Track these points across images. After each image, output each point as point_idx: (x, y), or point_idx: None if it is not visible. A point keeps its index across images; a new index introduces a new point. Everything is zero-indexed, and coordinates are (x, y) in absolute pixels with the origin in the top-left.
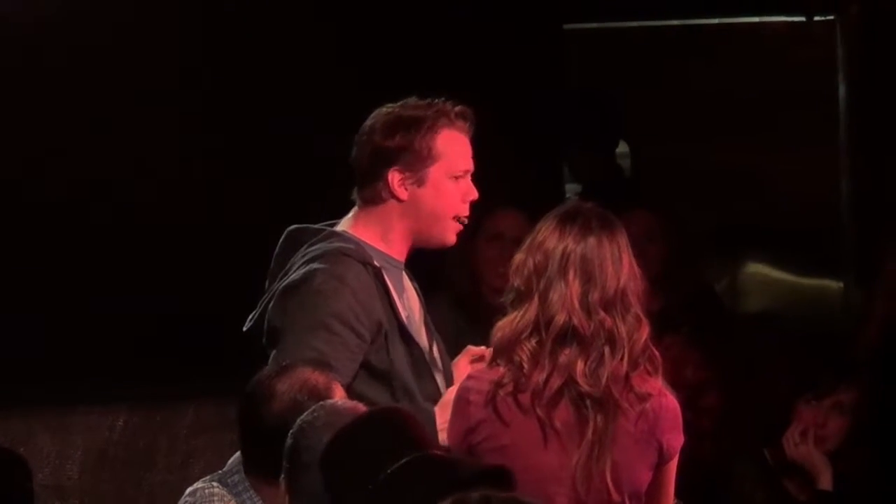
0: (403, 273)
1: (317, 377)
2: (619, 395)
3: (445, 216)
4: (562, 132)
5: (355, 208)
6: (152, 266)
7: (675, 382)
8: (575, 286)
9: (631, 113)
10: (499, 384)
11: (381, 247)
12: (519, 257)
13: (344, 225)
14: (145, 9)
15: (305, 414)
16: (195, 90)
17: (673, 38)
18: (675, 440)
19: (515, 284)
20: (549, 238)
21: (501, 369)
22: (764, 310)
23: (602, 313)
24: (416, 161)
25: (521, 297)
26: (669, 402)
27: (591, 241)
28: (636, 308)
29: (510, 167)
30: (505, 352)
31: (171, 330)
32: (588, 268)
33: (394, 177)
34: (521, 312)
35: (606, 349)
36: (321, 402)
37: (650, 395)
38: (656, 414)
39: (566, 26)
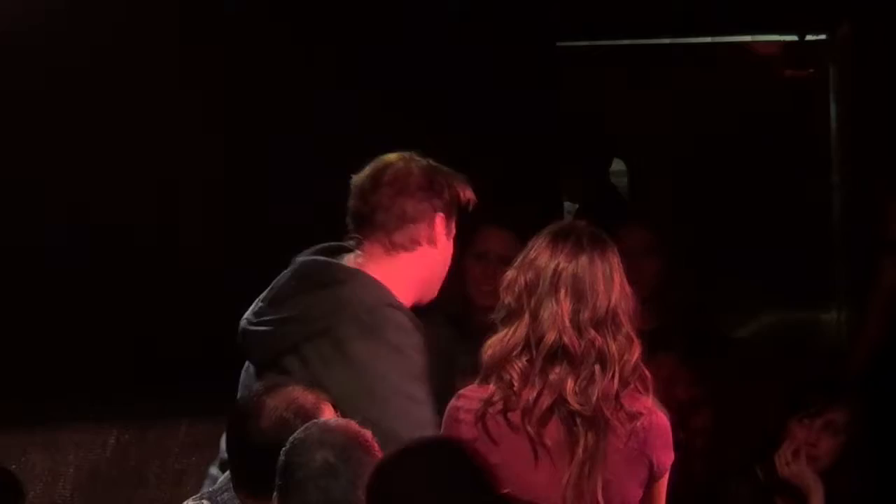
0: None
1: (306, 396)
2: (609, 413)
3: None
4: (554, 153)
5: (369, 249)
6: (144, 284)
7: (666, 401)
8: (566, 304)
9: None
10: (488, 402)
11: (399, 294)
12: (510, 274)
13: (366, 268)
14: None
15: (298, 431)
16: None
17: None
18: (666, 457)
19: (506, 301)
20: (541, 256)
21: (491, 387)
22: (755, 333)
23: (593, 332)
24: (453, 214)
25: (512, 315)
26: (660, 420)
27: (583, 259)
28: (627, 327)
29: (504, 185)
30: (495, 370)
31: (164, 348)
32: (579, 286)
33: (440, 221)
34: (512, 330)
35: (597, 368)
36: (314, 420)
37: (640, 413)
38: (647, 431)
39: (559, 44)
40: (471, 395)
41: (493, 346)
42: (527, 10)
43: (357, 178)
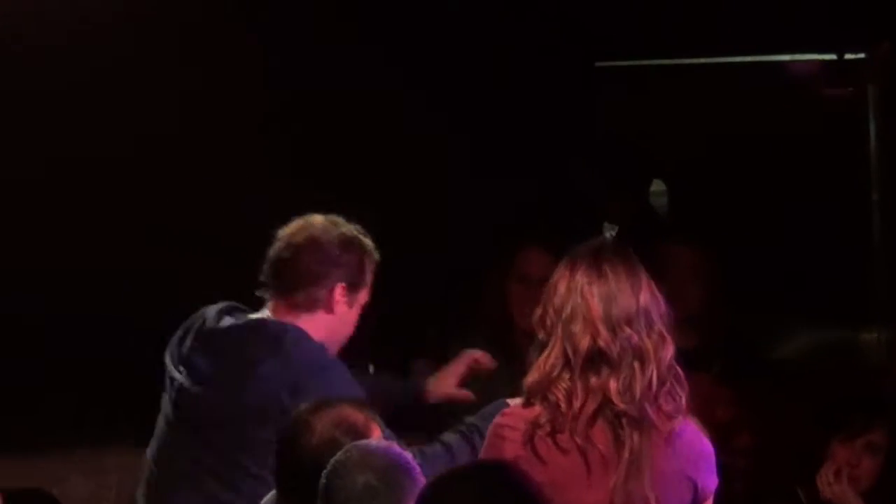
0: None
1: (356, 415)
2: (651, 412)
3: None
4: (594, 174)
5: (273, 304)
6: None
7: (706, 421)
8: (595, 308)
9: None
10: (536, 424)
11: None
12: (539, 311)
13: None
14: None
15: (339, 453)
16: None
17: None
18: (711, 482)
19: (540, 336)
20: (562, 280)
21: (537, 408)
22: (795, 353)
23: (627, 329)
24: (358, 284)
25: (547, 341)
26: (705, 445)
27: (605, 267)
28: (659, 325)
29: (544, 208)
30: (539, 391)
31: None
32: (606, 290)
33: (340, 291)
34: (549, 351)
35: (636, 365)
36: (354, 442)
37: (678, 412)
38: (694, 454)
39: (598, 64)
40: (515, 414)
41: (535, 370)
42: (565, 30)
43: (280, 232)
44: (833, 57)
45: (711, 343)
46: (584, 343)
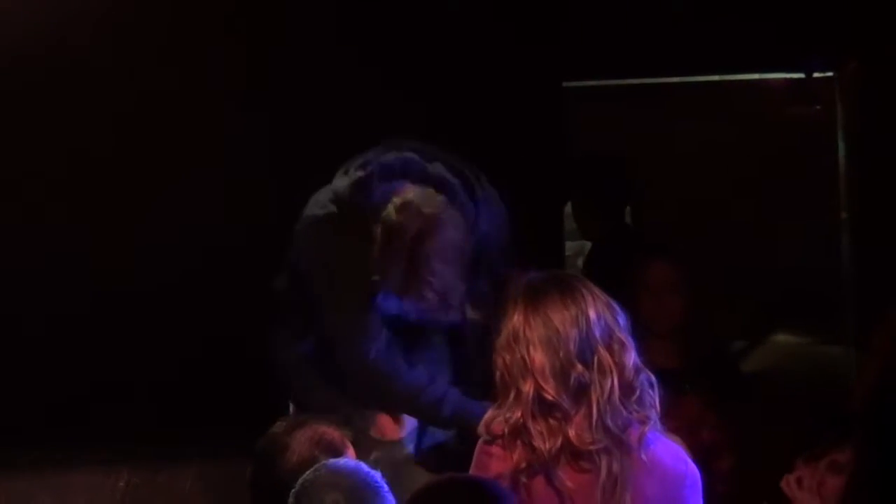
0: None
1: (332, 432)
2: (623, 436)
3: None
4: (566, 194)
5: None
6: (154, 327)
7: (690, 443)
8: (539, 360)
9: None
10: (518, 470)
11: None
12: (496, 360)
13: None
14: None
15: (308, 472)
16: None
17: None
18: None
19: (496, 379)
20: (505, 333)
21: (518, 452)
22: (767, 371)
23: (578, 366)
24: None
25: (503, 391)
26: (690, 468)
27: (546, 311)
28: (618, 332)
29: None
30: (513, 437)
31: (173, 391)
32: (546, 334)
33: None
34: (510, 402)
35: (595, 392)
36: (323, 462)
37: (651, 418)
38: (678, 478)
39: (565, 84)
40: (499, 456)
41: (502, 420)
42: (532, 50)
43: None
44: (801, 76)
45: (690, 358)
46: (536, 397)
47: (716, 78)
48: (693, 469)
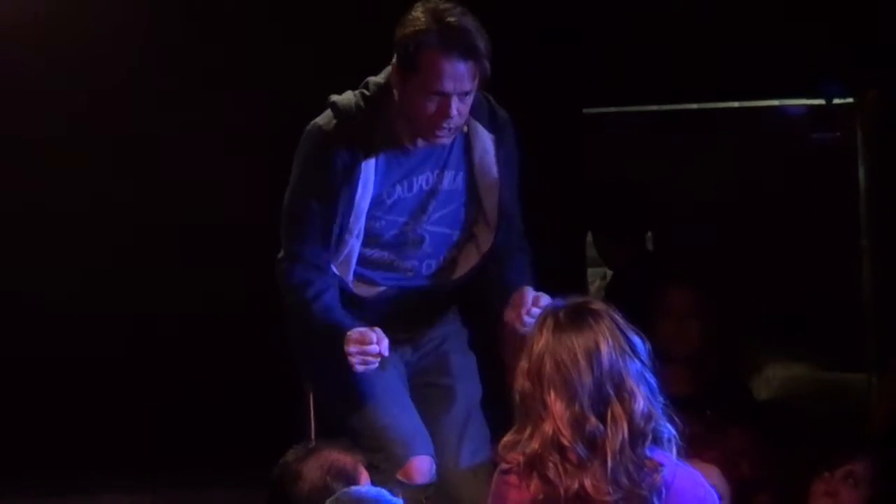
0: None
1: (344, 458)
2: (635, 485)
3: (419, 122)
4: (586, 219)
5: None
6: (178, 354)
7: (730, 476)
8: (559, 411)
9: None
10: (536, 502)
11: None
12: (517, 383)
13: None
14: None
15: (329, 500)
16: None
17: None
18: None
19: (516, 402)
20: (524, 366)
21: (535, 483)
22: (785, 399)
23: (592, 420)
24: (402, 64)
25: (524, 418)
26: (710, 496)
27: (563, 354)
28: (628, 381)
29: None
30: (530, 467)
31: (197, 417)
32: (566, 377)
33: (394, 66)
34: (529, 431)
35: (608, 449)
36: (345, 489)
37: (660, 465)
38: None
39: (585, 110)
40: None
41: (520, 448)
42: (551, 77)
43: None
44: (822, 102)
45: (708, 383)
46: (554, 438)
47: (735, 104)
48: (711, 495)
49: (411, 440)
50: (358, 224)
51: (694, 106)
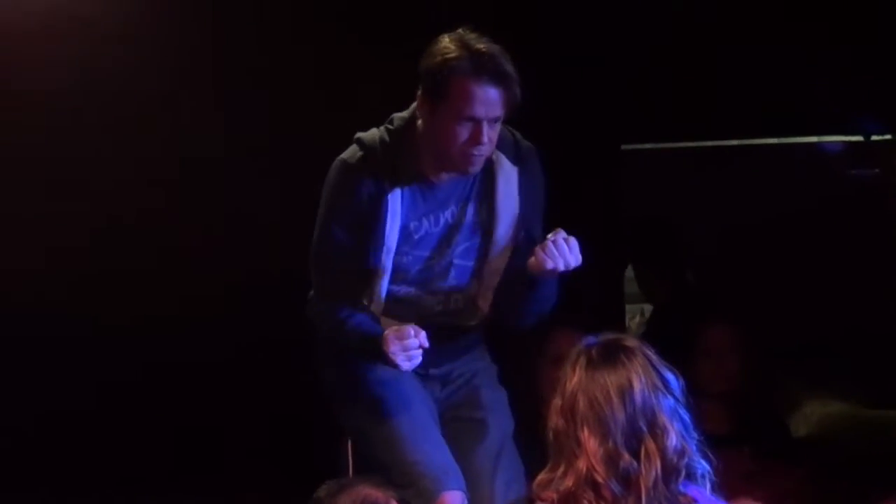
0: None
1: (375, 493)
2: None
3: (450, 150)
4: (625, 255)
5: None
6: (219, 388)
7: None
8: (592, 448)
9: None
10: None
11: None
12: (551, 420)
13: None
14: None
15: None
16: None
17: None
18: None
19: (549, 440)
20: (559, 401)
21: None
22: (824, 437)
23: (626, 456)
24: (431, 93)
25: (557, 455)
26: None
27: (596, 392)
28: (661, 417)
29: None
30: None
31: (235, 453)
32: (599, 414)
33: (421, 97)
34: (563, 468)
35: (642, 483)
36: None
37: (694, 500)
38: None
39: (624, 146)
40: None
41: (553, 486)
42: (590, 113)
43: None
44: (860, 139)
45: (747, 422)
46: (588, 475)
47: (774, 141)
48: None
49: (443, 475)
50: (388, 259)
51: (733, 142)
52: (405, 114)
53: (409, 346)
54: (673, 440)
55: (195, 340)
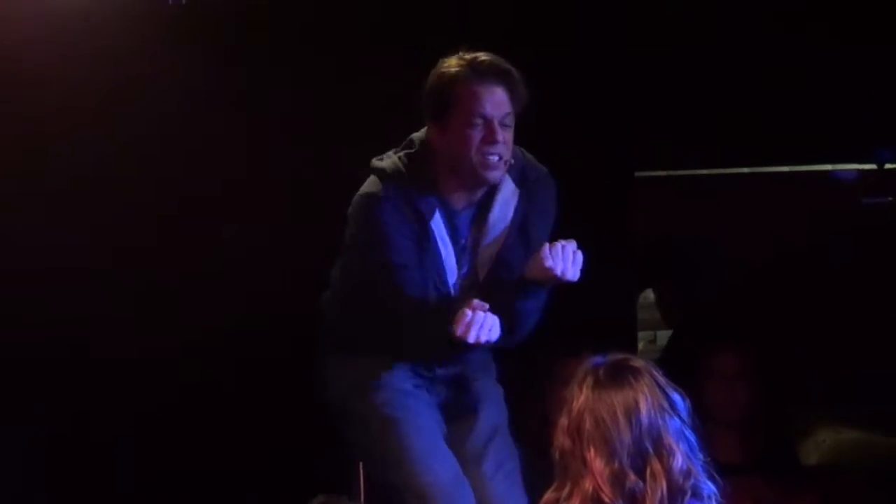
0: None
1: None
2: None
3: (468, 156)
4: (638, 281)
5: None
6: (230, 415)
7: None
8: (598, 468)
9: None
10: None
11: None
12: (557, 440)
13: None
14: None
15: None
16: None
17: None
18: None
19: (555, 459)
20: (565, 421)
21: None
22: (836, 464)
23: (632, 476)
24: (439, 107)
25: (562, 474)
26: None
27: (602, 411)
28: (667, 438)
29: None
30: None
31: (247, 481)
32: (605, 435)
33: (430, 117)
34: (569, 489)
35: (647, 503)
36: None
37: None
38: None
39: (637, 174)
40: None
41: (552, 502)
42: (602, 139)
43: None
44: (873, 167)
45: (758, 449)
46: (594, 495)
47: (786, 168)
48: None
49: (453, 493)
50: (452, 278)
51: (745, 170)
52: (423, 134)
53: (481, 323)
54: (679, 461)
55: (199, 364)
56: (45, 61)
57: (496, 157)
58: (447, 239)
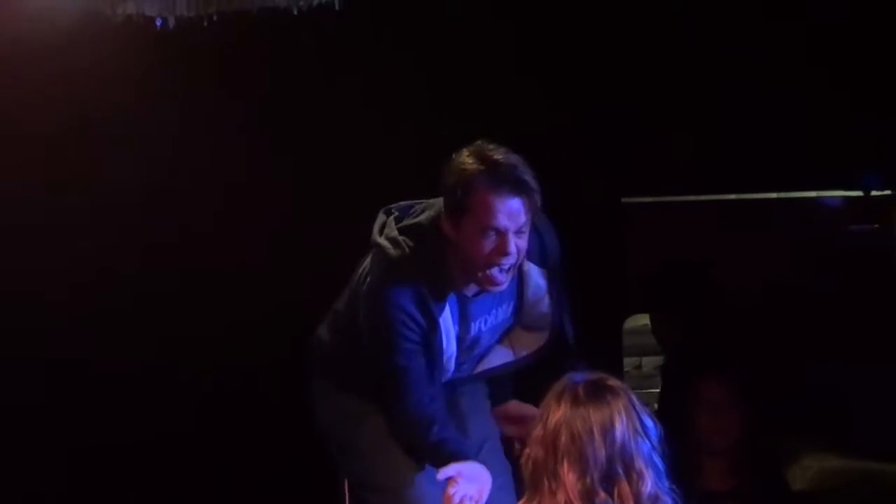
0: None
1: None
2: None
3: (478, 262)
4: (625, 308)
5: None
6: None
7: None
8: (571, 483)
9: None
10: None
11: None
12: (527, 451)
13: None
14: None
15: None
16: None
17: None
18: None
19: (527, 469)
20: (539, 432)
21: None
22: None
23: (602, 494)
24: (454, 210)
25: (532, 486)
26: None
27: (579, 427)
28: (638, 462)
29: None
30: None
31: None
32: (581, 450)
33: (445, 215)
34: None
35: None
36: None
37: None
38: None
39: (624, 199)
40: None
41: None
42: (590, 166)
43: None
44: (859, 194)
45: (747, 477)
46: None
47: (773, 195)
48: None
49: None
50: (450, 365)
51: (731, 196)
52: (423, 220)
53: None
54: (648, 486)
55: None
56: (29, 83)
57: (505, 267)
58: (452, 333)
